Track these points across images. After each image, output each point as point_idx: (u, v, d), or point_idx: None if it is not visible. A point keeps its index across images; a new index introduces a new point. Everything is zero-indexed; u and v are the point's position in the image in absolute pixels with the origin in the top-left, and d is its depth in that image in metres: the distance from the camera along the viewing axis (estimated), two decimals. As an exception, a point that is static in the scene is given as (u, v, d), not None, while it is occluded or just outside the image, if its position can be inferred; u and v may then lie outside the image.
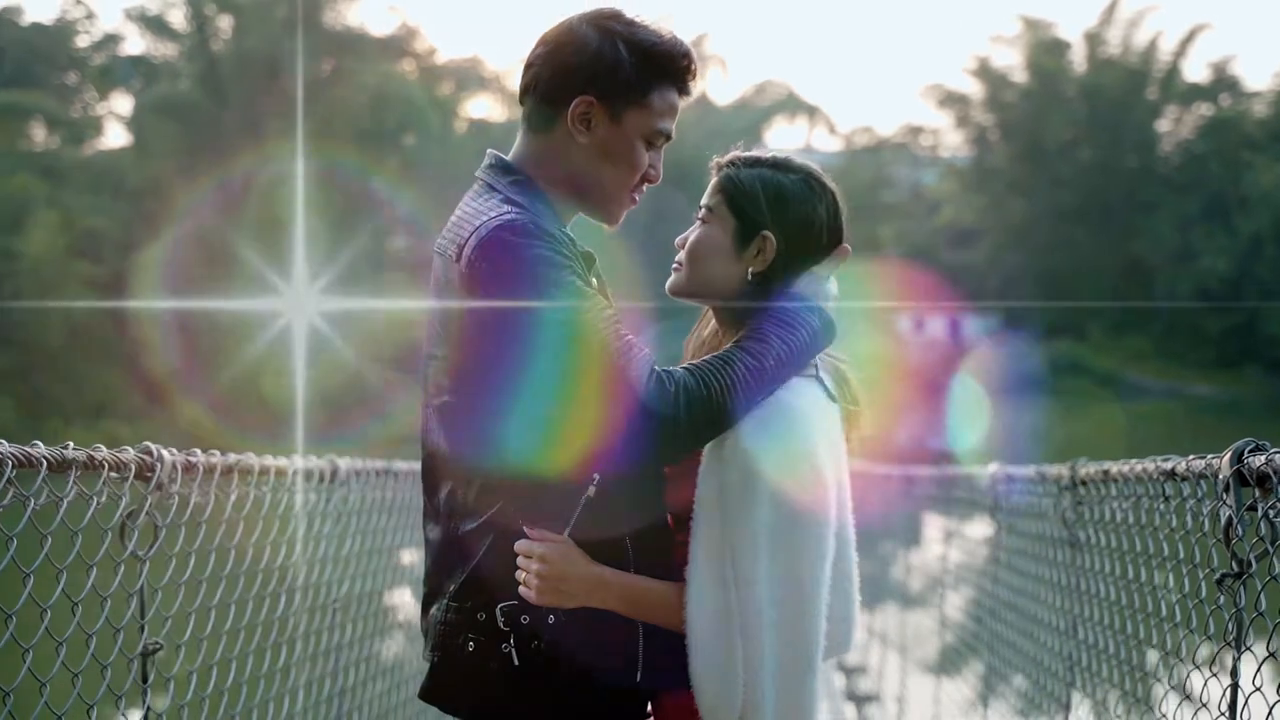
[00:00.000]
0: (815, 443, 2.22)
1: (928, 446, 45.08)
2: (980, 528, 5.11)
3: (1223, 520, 2.41)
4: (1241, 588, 2.35)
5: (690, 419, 2.12)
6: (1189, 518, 2.66)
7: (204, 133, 46.79)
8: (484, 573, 2.23)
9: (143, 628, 2.44)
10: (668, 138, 2.41)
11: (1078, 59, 61.13)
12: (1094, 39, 60.74)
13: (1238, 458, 2.40)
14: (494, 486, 2.23)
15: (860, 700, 8.36)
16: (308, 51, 47.27)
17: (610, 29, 2.35)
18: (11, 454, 2.05)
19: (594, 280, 2.31)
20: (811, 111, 63.65)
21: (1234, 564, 2.38)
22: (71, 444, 2.22)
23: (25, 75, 48.69)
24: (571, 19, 2.38)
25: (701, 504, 2.22)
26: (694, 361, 2.22)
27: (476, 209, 2.29)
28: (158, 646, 2.47)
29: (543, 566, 2.18)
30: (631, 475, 2.21)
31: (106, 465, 2.30)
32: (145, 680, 2.44)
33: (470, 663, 2.21)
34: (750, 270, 2.37)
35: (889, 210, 64.11)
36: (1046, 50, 60.24)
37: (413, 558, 4.18)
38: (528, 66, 2.40)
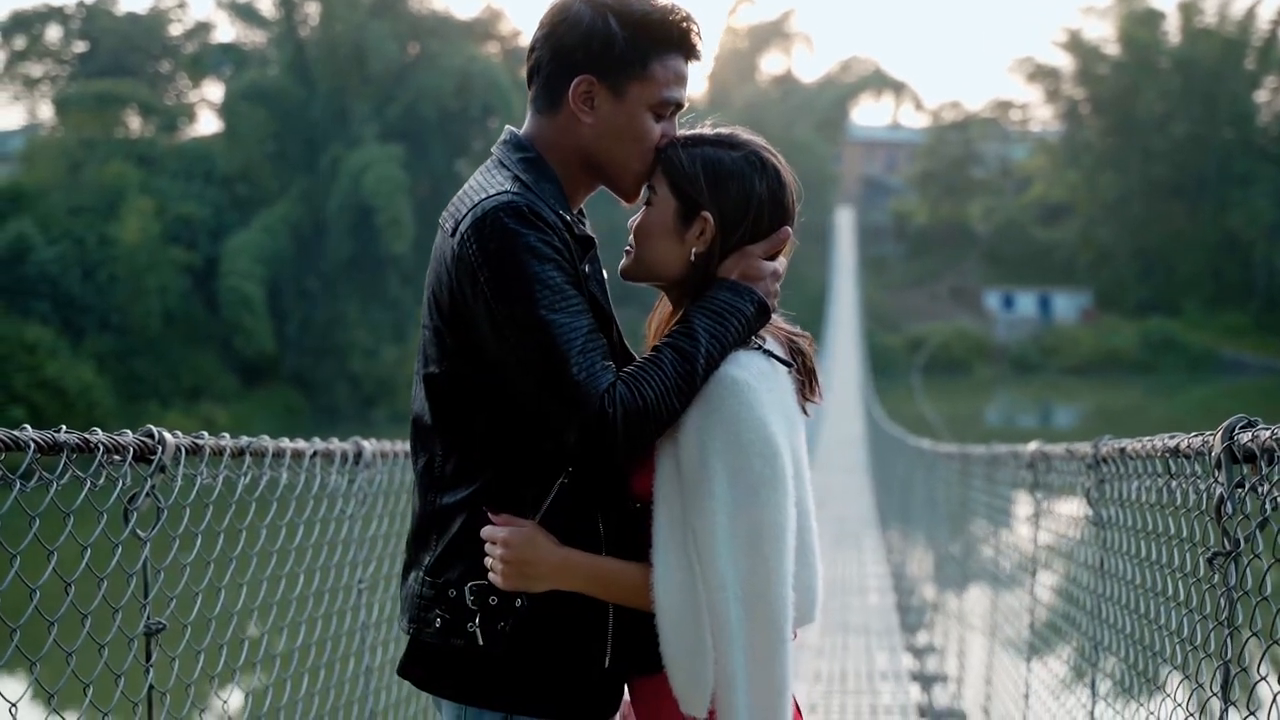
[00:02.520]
0: (764, 413, 2.19)
1: (1018, 424, 44.72)
2: (1023, 507, 5.07)
3: (1214, 498, 2.37)
4: (1233, 566, 2.31)
5: (627, 434, 2.14)
6: (1191, 495, 2.62)
7: (293, 119, 47.46)
8: (458, 549, 2.25)
9: (144, 607, 2.49)
10: (679, 106, 2.37)
11: (1171, 30, 60.05)
12: (1189, 9, 59.59)
13: (1229, 434, 2.36)
14: (472, 464, 2.25)
15: (928, 680, 8.31)
16: (393, 36, 47.69)
17: (601, 3, 2.31)
18: (33, 439, 2.13)
19: (586, 267, 2.29)
20: (898, 88, 63.11)
21: (1225, 542, 2.34)
22: (101, 430, 2.30)
23: (120, 64, 49.77)
24: None
25: (660, 485, 2.22)
26: (628, 368, 2.21)
27: (480, 184, 2.29)
28: (160, 626, 2.53)
29: (507, 551, 2.19)
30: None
31: (102, 448, 2.35)
32: (148, 659, 2.49)
33: (439, 640, 2.23)
34: (694, 251, 2.35)
35: (978, 186, 63.46)
36: (1139, 21, 59.20)
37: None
38: (530, 50, 2.38)
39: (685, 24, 2.37)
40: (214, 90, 52.40)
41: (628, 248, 2.42)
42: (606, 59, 2.32)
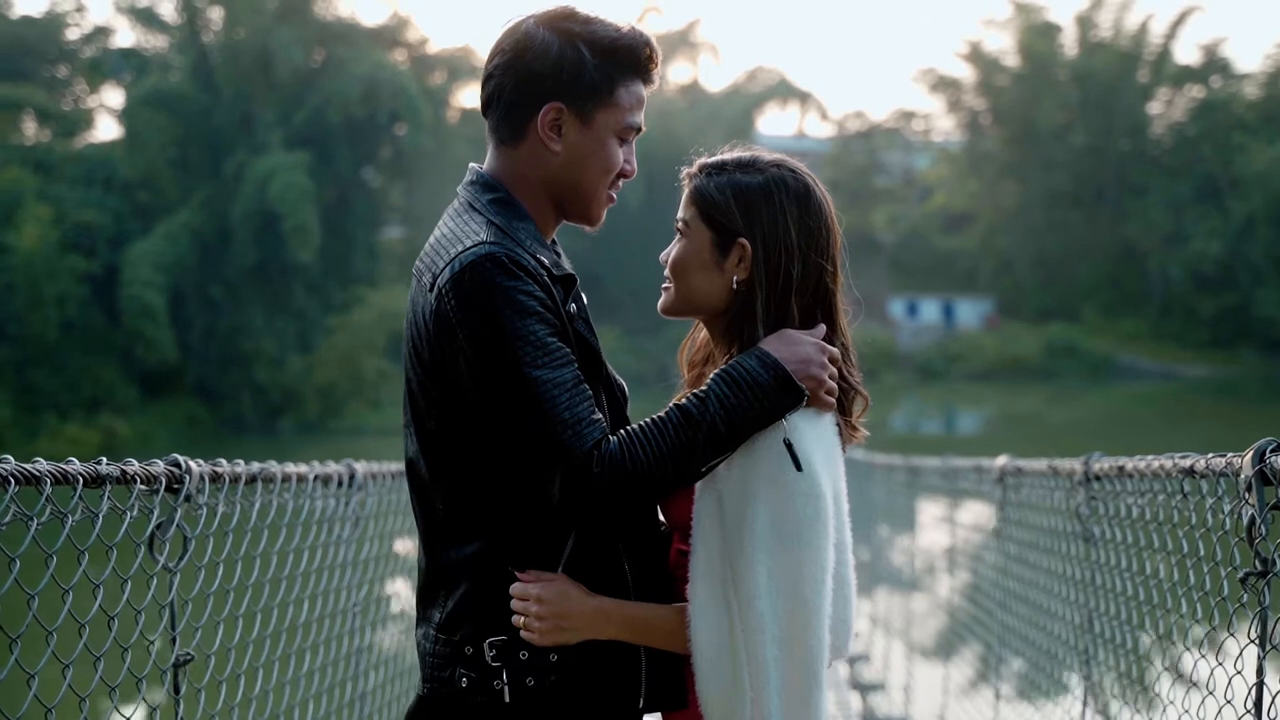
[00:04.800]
0: (810, 454, 2.20)
1: (923, 431, 45.26)
2: (982, 518, 5.14)
3: (1245, 519, 2.42)
4: (1266, 586, 2.36)
5: (612, 492, 2.10)
6: (1209, 515, 2.67)
7: (196, 125, 46.70)
8: (470, 605, 2.21)
9: (174, 639, 2.44)
10: (638, 130, 2.37)
11: (1069, 42, 61.24)
12: (1085, 22, 60.86)
13: (1259, 457, 2.40)
14: (474, 515, 2.22)
15: (865, 689, 8.39)
16: (299, 41, 47.13)
17: (569, 30, 2.28)
18: (49, 472, 2.06)
19: (572, 306, 2.25)
20: (804, 98, 63.60)
21: (1257, 562, 2.38)
22: (105, 460, 2.23)
23: (15, 69, 48.52)
24: (525, 24, 2.30)
25: (700, 520, 2.21)
26: (629, 428, 2.16)
27: (454, 232, 2.24)
28: (189, 657, 2.48)
29: (541, 607, 2.16)
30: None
31: (138, 479, 2.30)
32: (178, 691, 2.45)
33: (464, 698, 2.20)
34: (735, 279, 2.34)
35: (882, 195, 64.21)
36: (1038, 34, 60.32)
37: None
38: (487, 78, 2.33)
39: (649, 50, 2.37)
40: (114, 96, 51.39)
41: (665, 285, 2.41)
42: (576, 86, 2.29)
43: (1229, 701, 2.52)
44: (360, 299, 45.85)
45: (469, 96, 54.95)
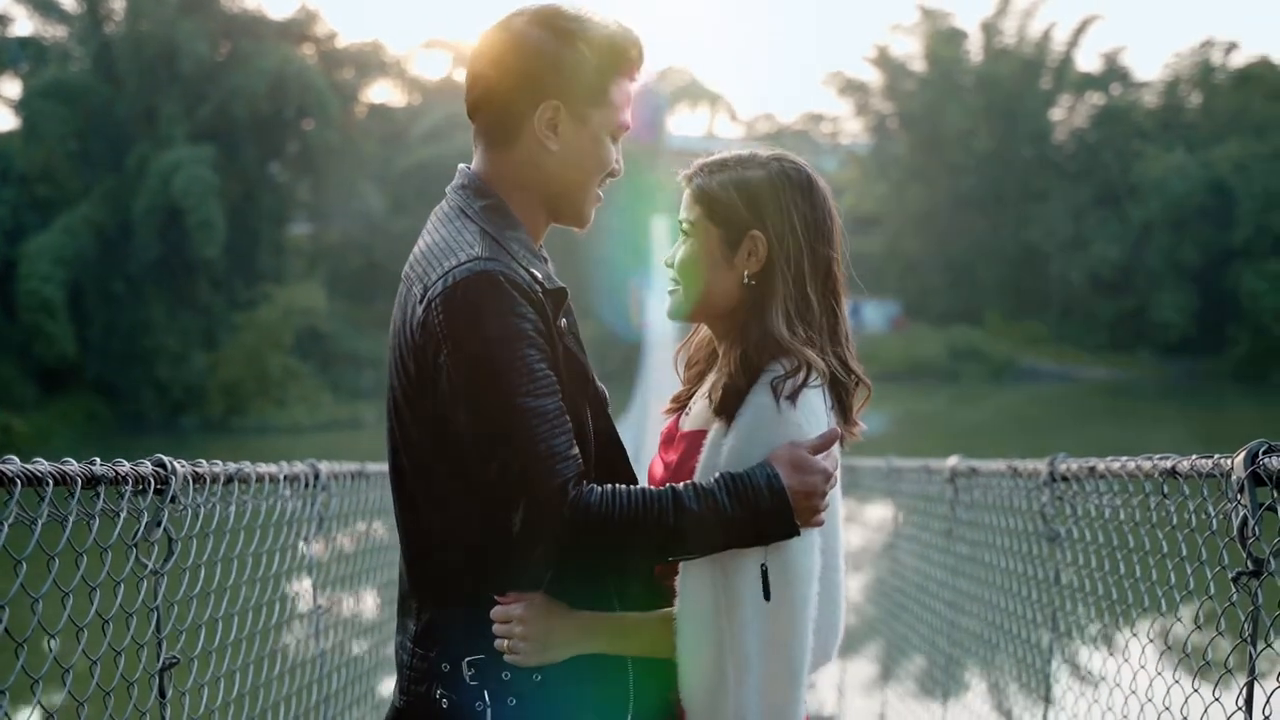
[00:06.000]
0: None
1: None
2: (934, 519, 5.18)
3: (1237, 520, 2.45)
4: (1259, 586, 2.40)
5: (573, 528, 2.06)
6: (1191, 516, 2.71)
7: (97, 117, 45.75)
8: (446, 620, 2.18)
9: (160, 643, 2.38)
10: (626, 129, 2.37)
11: (974, 48, 62.14)
12: (990, 29, 61.77)
13: (1252, 458, 2.44)
14: (453, 525, 2.18)
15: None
16: (204, 35, 46.38)
17: (564, 28, 2.26)
18: (50, 473, 2.00)
19: (562, 321, 2.22)
20: (714, 99, 64.05)
21: (1249, 562, 2.42)
22: (98, 460, 2.17)
23: (-93, 57, 47.20)
24: (513, 24, 2.27)
25: None
26: (631, 487, 2.13)
27: (446, 241, 2.19)
28: (174, 661, 2.42)
29: (525, 628, 2.14)
30: None
31: (130, 480, 2.24)
32: (164, 695, 2.38)
33: (441, 715, 2.16)
34: (746, 273, 2.34)
35: (790, 197, 64.61)
36: (944, 40, 61.14)
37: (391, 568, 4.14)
38: (477, 79, 2.29)
39: (639, 49, 2.37)
40: (10, 86, 50.09)
41: (671, 289, 2.40)
42: (575, 84, 2.28)
43: (1217, 699, 2.55)
44: (267, 296, 45.23)
45: (378, 92, 54.57)
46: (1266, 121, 55.06)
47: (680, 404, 2.55)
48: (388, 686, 4.43)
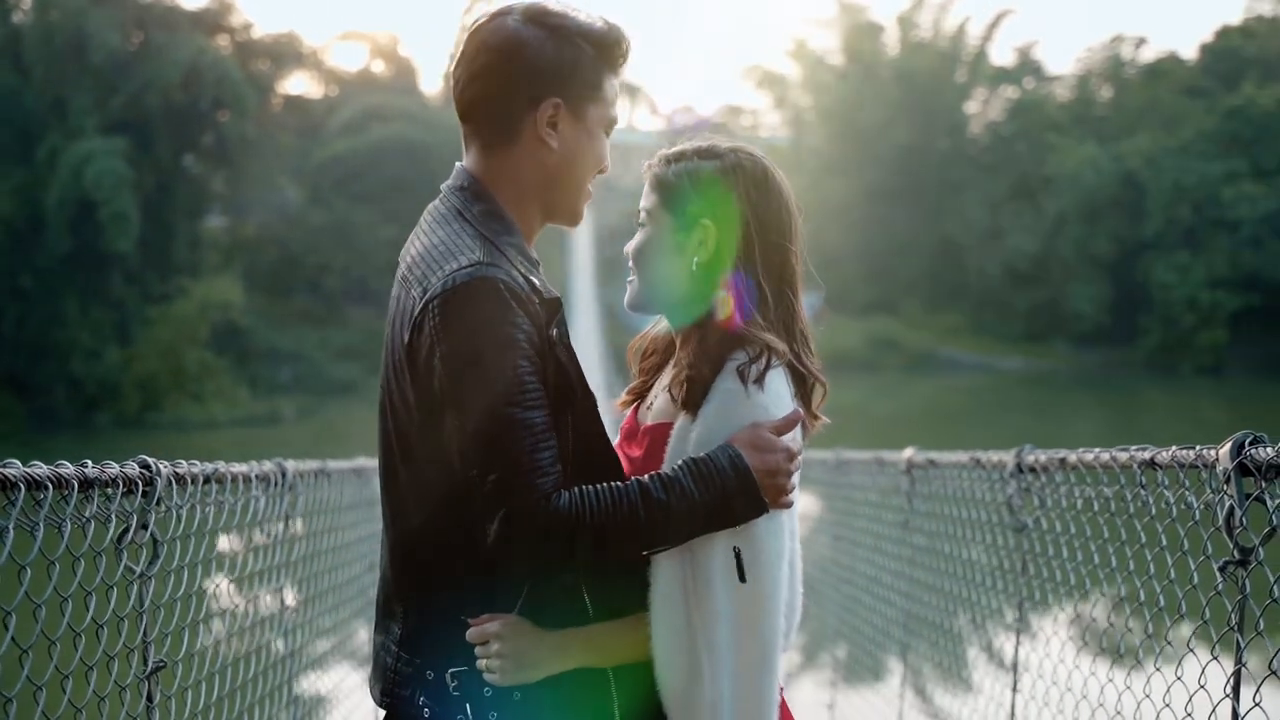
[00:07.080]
0: None
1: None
2: (887, 511, 5.21)
3: (1223, 510, 2.49)
4: (1246, 575, 2.43)
5: (548, 548, 2.05)
6: (1171, 506, 2.74)
7: (5, 108, 44.76)
8: (432, 629, 2.16)
9: (147, 646, 2.33)
10: (615, 123, 2.38)
11: (891, 42, 62.64)
12: (906, 22, 62.32)
13: (1238, 449, 2.48)
14: (440, 527, 2.15)
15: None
16: (115, 25, 45.55)
17: (559, 26, 2.25)
18: (48, 476, 1.94)
19: (554, 330, 2.19)
20: (633, 92, 63.90)
21: (1236, 552, 2.46)
22: (90, 462, 2.11)
23: None
24: (503, 23, 2.24)
25: None
26: (588, 486, 2.11)
27: (447, 243, 2.17)
28: (161, 665, 2.37)
29: (502, 646, 2.13)
30: None
31: (120, 482, 2.19)
32: (151, 701, 2.33)
33: None
34: (695, 260, 2.34)
35: (710, 190, 64.79)
36: (861, 33, 61.60)
37: (358, 564, 4.09)
38: (470, 81, 2.25)
39: (628, 41, 2.37)
40: (-86, 76, 48.87)
41: (630, 279, 2.41)
42: (575, 81, 2.27)
43: (1203, 686, 2.59)
44: (182, 290, 44.57)
45: (294, 84, 53.92)
46: (1175, 116, 56.13)
47: (635, 395, 2.54)
48: (354, 683, 4.39)
